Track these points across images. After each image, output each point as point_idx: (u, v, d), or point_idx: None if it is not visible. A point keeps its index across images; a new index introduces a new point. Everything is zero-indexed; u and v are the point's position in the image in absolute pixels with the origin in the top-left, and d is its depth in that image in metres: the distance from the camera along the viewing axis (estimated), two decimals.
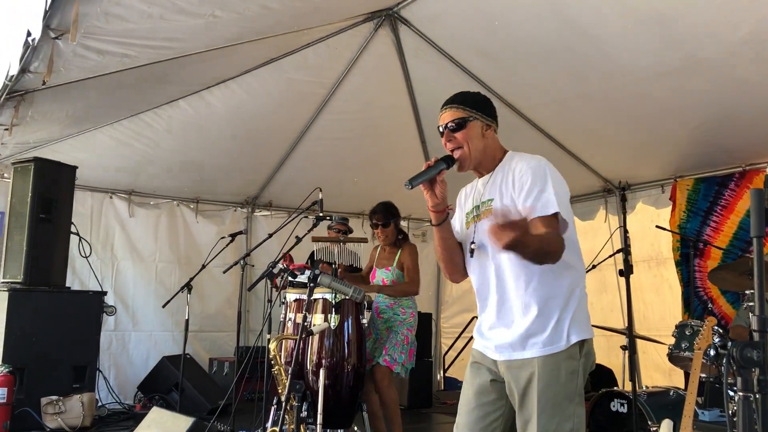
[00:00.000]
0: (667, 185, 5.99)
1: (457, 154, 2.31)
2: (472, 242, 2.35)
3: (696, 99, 4.64)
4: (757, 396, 1.37)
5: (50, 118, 4.99)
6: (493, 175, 2.35)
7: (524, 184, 2.18)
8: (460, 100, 2.35)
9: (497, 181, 2.31)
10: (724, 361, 3.13)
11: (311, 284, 2.52)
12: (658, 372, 5.98)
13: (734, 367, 1.41)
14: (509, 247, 1.93)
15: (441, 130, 2.35)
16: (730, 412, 3.05)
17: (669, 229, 5.61)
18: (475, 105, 2.34)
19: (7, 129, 4.62)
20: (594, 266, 4.70)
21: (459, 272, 2.45)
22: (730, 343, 2.08)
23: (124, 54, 4.03)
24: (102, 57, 3.96)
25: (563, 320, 2.17)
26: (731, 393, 3.12)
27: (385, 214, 4.56)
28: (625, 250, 3.44)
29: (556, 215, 2.12)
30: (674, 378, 5.72)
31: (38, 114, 4.73)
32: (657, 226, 5.24)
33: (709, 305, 5.55)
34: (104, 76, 4.29)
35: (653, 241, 6.08)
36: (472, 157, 2.32)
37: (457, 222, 2.49)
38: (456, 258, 2.42)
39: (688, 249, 5.60)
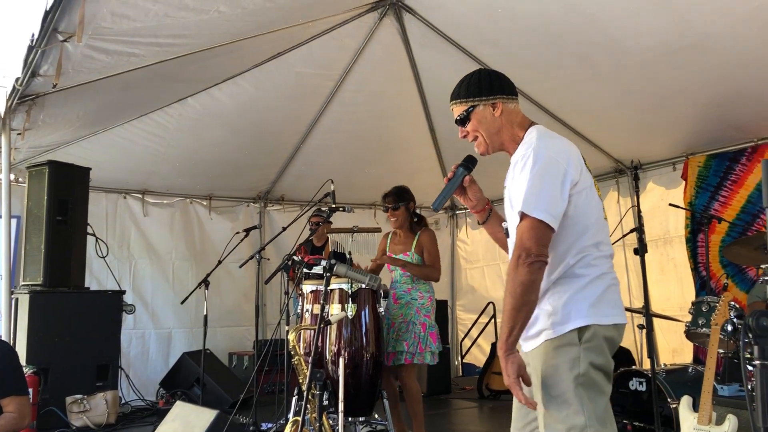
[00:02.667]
0: (679, 163, 5.95)
1: (475, 145, 2.22)
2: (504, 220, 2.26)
3: (705, 76, 4.62)
4: None
5: (62, 121, 5.03)
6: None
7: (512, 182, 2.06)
8: (455, 93, 2.24)
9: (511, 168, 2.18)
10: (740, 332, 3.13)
11: (327, 274, 2.53)
12: (664, 352, 5.94)
13: (751, 337, 1.42)
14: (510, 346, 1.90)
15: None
16: (749, 386, 3.05)
17: (681, 206, 5.58)
18: (471, 92, 2.19)
19: (20, 133, 4.68)
20: None
21: None
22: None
23: (132, 53, 4.07)
24: (110, 57, 4.00)
25: (558, 306, 1.98)
26: (750, 367, 3.12)
27: (397, 197, 4.43)
28: (640, 229, 3.43)
29: (522, 215, 1.95)
30: (676, 357, 5.74)
31: (50, 117, 4.78)
32: (670, 204, 5.22)
33: (711, 283, 5.51)
34: (113, 77, 4.34)
35: (662, 220, 6.06)
36: (491, 142, 2.19)
37: None
38: None
39: (697, 225, 5.58)
